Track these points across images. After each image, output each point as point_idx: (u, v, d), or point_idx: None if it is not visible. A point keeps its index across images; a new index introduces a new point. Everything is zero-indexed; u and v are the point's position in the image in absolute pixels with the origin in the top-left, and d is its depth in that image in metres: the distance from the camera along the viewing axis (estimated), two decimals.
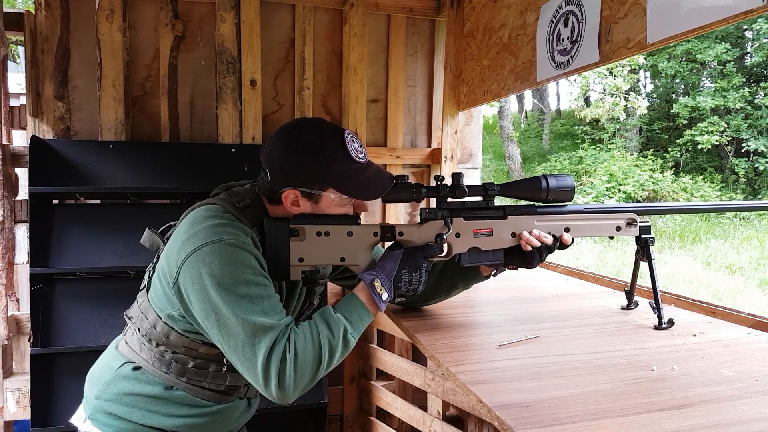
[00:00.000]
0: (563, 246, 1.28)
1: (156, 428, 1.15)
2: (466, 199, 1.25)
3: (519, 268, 1.31)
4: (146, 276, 1.22)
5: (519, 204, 1.29)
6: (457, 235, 1.25)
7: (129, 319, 1.22)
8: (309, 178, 1.13)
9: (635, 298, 1.51)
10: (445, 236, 1.21)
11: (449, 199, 1.25)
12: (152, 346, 1.15)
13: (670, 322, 1.32)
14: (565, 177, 1.25)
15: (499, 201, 1.30)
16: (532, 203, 1.29)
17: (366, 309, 1.12)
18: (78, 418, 1.22)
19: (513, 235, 1.26)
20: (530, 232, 1.25)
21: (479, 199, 1.27)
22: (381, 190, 1.18)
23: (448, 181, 1.24)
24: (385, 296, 1.12)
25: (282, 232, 1.14)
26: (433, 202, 1.28)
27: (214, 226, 1.07)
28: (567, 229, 1.28)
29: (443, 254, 1.24)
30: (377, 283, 1.12)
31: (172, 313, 1.12)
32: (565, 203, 1.28)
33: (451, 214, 1.24)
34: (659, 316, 1.32)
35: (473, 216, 1.26)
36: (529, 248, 1.25)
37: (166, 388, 1.15)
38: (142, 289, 1.22)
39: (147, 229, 1.25)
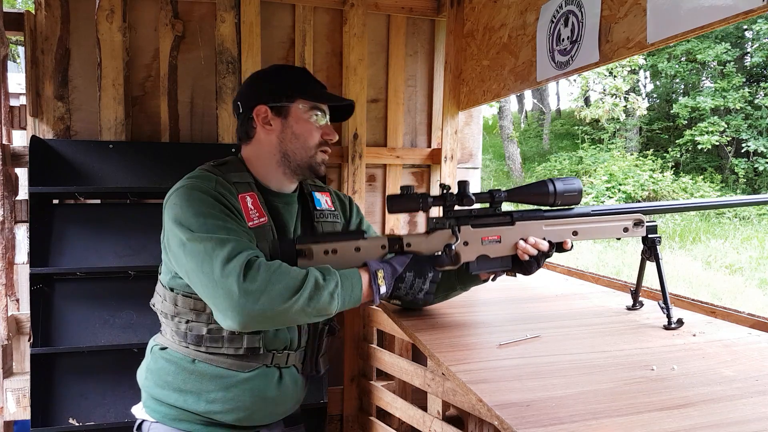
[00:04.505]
0: (562, 249, 1.28)
1: (194, 413, 1.18)
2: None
3: (517, 275, 1.31)
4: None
5: (526, 210, 1.28)
6: (465, 244, 1.24)
7: (153, 306, 1.28)
8: (276, 90, 1.24)
9: (639, 298, 1.50)
10: (453, 246, 1.21)
11: (456, 207, 1.24)
12: (169, 321, 1.20)
13: (680, 322, 1.31)
14: (572, 180, 1.24)
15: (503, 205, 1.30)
16: (539, 208, 1.28)
17: (361, 287, 1.12)
18: (137, 407, 1.29)
19: (522, 240, 1.25)
20: (526, 241, 1.24)
21: (486, 206, 1.27)
22: (342, 99, 1.30)
23: (453, 186, 1.23)
24: (383, 290, 1.14)
25: (289, 253, 1.15)
26: (437, 210, 1.27)
27: (182, 180, 1.18)
28: (575, 233, 1.27)
29: (452, 264, 1.24)
30: (380, 274, 1.13)
31: (174, 273, 1.17)
32: (572, 206, 1.28)
33: (459, 222, 1.24)
34: (668, 316, 1.31)
35: (481, 224, 1.25)
36: (527, 257, 1.24)
37: (189, 362, 1.19)
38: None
39: None
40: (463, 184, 1.23)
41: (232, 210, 1.13)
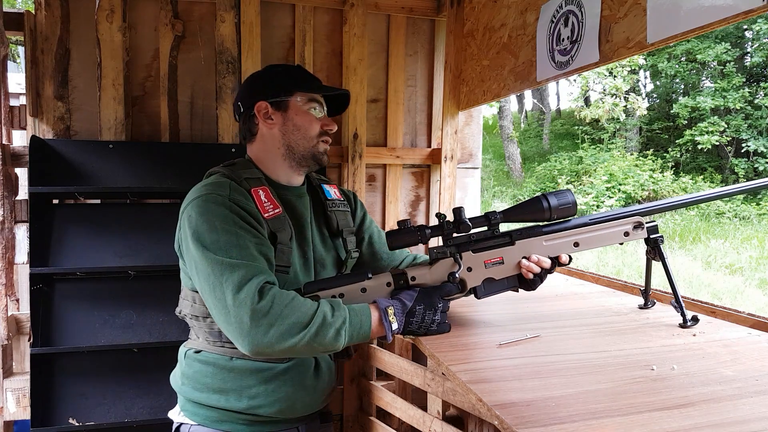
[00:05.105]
0: (559, 264, 1.28)
1: (236, 412, 1.19)
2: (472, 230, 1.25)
3: (520, 290, 1.31)
4: None
5: (524, 227, 1.28)
6: (469, 269, 1.25)
7: (179, 313, 1.28)
8: (275, 87, 1.29)
9: (637, 297, 1.50)
10: (457, 274, 1.21)
11: (454, 234, 1.24)
12: (201, 323, 1.21)
13: (695, 319, 1.31)
14: (564, 193, 1.24)
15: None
16: (537, 224, 1.28)
17: (370, 324, 1.12)
18: (174, 411, 1.29)
19: (525, 258, 1.26)
20: (529, 259, 1.24)
21: (484, 229, 1.27)
22: (337, 89, 1.34)
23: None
24: (395, 326, 1.14)
25: None
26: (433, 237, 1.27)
27: (197, 188, 1.19)
28: (576, 244, 1.27)
29: (460, 292, 1.24)
30: (391, 311, 1.14)
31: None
32: (569, 218, 1.28)
33: (459, 249, 1.24)
34: (683, 315, 1.31)
35: (481, 247, 1.26)
36: (531, 275, 1.25)
37: (227, 360, 1.19)
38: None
39: None
40: (458, 211, 1.23)
41: (248, 220, 1.14)
